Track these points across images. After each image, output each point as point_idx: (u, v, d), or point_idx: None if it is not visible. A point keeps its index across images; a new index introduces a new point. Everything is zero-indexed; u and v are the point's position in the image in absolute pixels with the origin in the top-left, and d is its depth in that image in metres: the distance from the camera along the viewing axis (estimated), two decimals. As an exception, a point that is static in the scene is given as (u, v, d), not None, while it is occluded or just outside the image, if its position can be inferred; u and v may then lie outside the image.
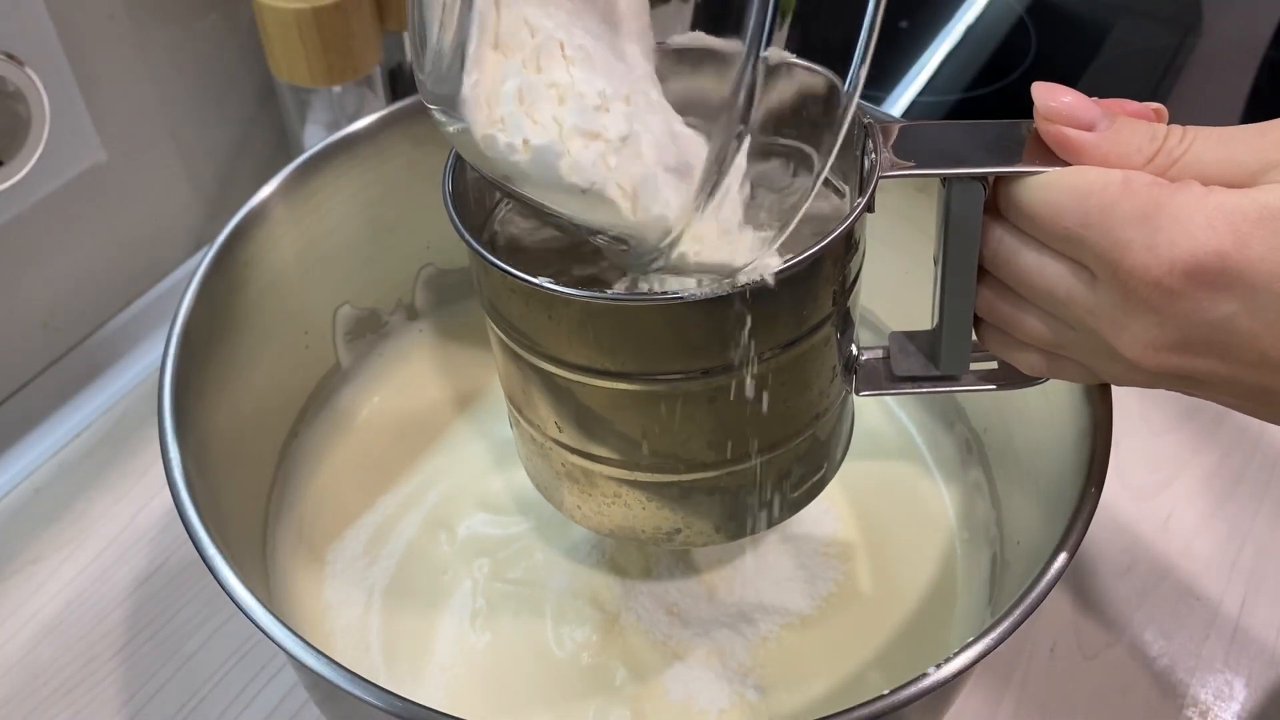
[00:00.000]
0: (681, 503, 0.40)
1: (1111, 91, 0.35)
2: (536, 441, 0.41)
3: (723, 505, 0.40)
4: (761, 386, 0.36)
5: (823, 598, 0.49)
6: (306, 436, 0.53)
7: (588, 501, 0.41)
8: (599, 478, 0.40)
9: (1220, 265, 0.30)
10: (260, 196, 0.48)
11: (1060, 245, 0.33)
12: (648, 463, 0.38)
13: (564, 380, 0.37)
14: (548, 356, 0.36)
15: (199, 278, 0.45)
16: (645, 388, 0.36)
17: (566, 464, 0.40)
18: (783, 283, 0.33)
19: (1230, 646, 0.51)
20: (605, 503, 0.41)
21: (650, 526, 0.41)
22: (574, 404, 0.37)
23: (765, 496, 0.40)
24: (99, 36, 0.56)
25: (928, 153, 0.35)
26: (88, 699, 0.49)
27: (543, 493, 0.44)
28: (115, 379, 0.62)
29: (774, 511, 0.41)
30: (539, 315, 0.35)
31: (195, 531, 0.37)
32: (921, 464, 0.54)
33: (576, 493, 0.41)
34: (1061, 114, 0.33)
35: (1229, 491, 0.57)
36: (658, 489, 0.39)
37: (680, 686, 0.46)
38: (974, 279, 0.36)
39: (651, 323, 0.34)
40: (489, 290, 0.37)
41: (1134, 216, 0.31)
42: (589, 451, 0.39)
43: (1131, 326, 0.32)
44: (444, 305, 0.59)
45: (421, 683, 0.46)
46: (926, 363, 0.40)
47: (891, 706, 0.33)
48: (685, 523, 0.41)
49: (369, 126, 0.51)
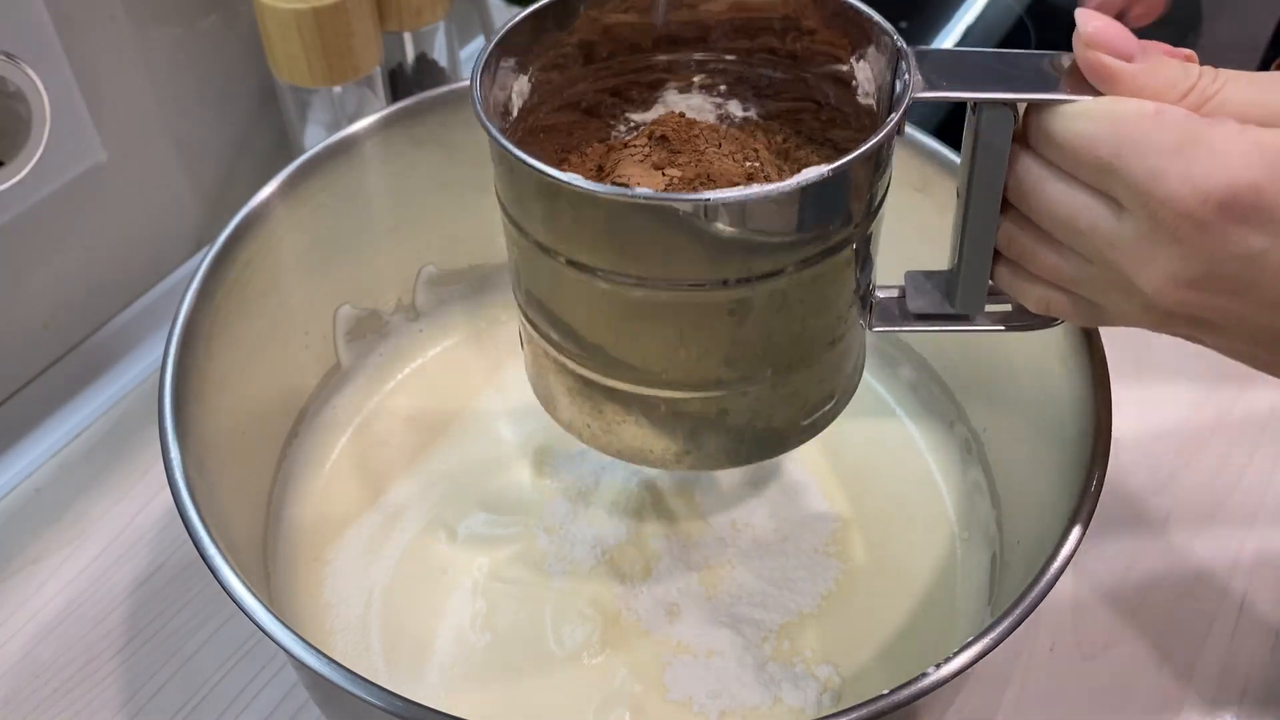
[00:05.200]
0: (694, 423, 0.39)
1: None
2: (549, 357, 0.40)
3: (734, 428, 0.40)
4: (783, 303, 0.36)
5: (822, 597, 0.49)
6: (307, 436, 0.53)
7: (598, 420, 0.41)
8: (612, 394, 0.39)
9: (1254, 198, 0.30)
10: (261, 196, 0.48)
11: (1090, 176, 0.33)
12: (664, 379, 0.38)
13: (586, 288, 0.36)
14: (572, 262, 0.36)
15: (199, 278, 0.45)
16: (669, 296, 0.35)
17: (579, 379, 0.40)
18: (812, 192, 0.33)
19: (1229, 647, 0.51)
20: (616, 421, 0.40)
21: (660, 447, 0.40)
22: (594, 315, 0.37)
23: (776, 422, 0.40)
24: (99, 37, 0.56)
25: (961, 78, 0.35)
26: (88, 699, 0.49)
27: (549, 409, 0.43)
28: (115, 379, 0.62)
29: (784, 439, 0.41)
30: (565, 217, 0.35)
31: (195, 531, 0.37)
32: (921, 464, 0.54)
33: (587, 410, 0.41)
34: (1102, 40, 0.33)
35: (1229, 491, 0.57)
36: (671, 406, 0.39)
37: (680, 686, 0.46)
38: (997, 211, 0.36)
39: (681, 225, 0.34)
40: (513, 194, 0.37)
41: (1170, 147, 0.31)
42: (604, 366, 0.38)
43: (1155, 259, 0.32)
44: (444, 305, 0.59)
45: (421, 683, 0.46)
46: (942, 301, 0.40)
47: (891, 706, 0.33)
48: (696, 444, 0.40)
49: (369, 127, 0.51)
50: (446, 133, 0.53)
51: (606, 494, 0.52)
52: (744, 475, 0.53)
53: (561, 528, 0.51)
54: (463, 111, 0.55)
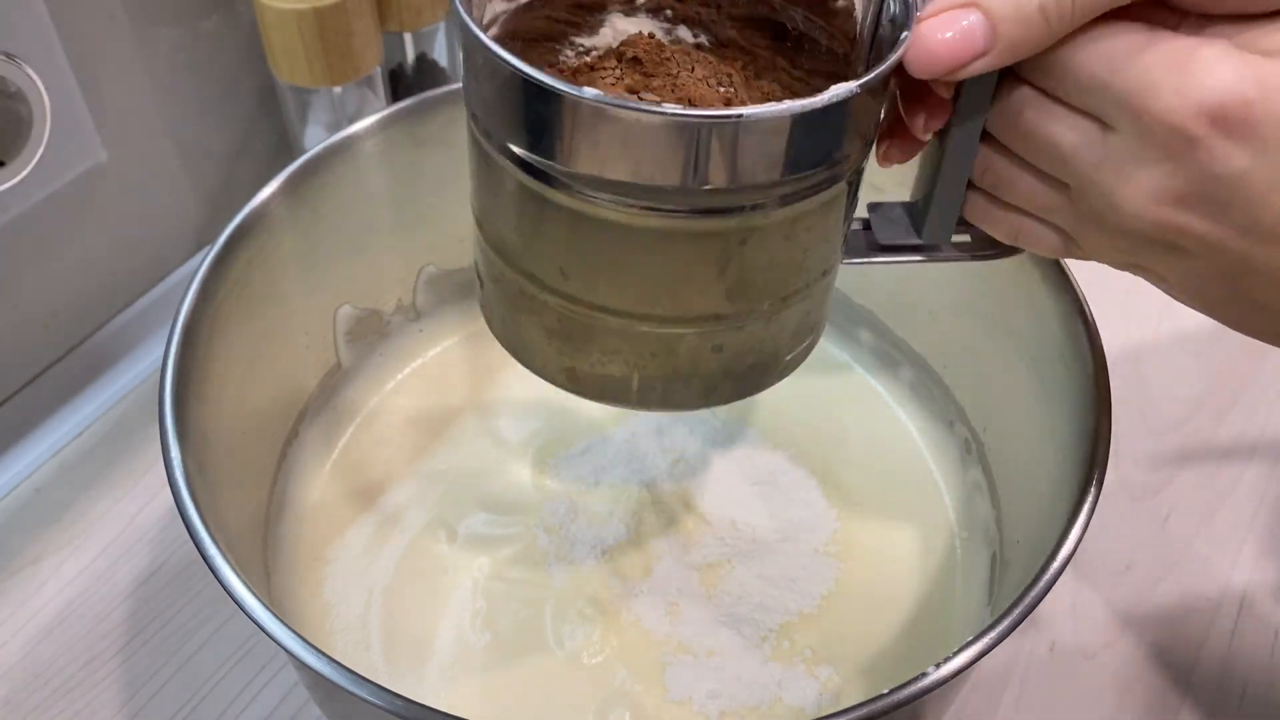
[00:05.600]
0: (684, 360, 0.38)
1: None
2: (527, 295, 0.37)
3: (723, 365, 0.38)
4: (792, 230, 0.35)
5: (822, 597, 0.49)
6: (307, 436, 0.53)
7: (581, 360, 0.38)
8: (600, 331, 0.37)
9: (1244, 113, 0.30)
10: (261, 197, 0.48)
11: (1079, 97, 0.33)
12: (662, 314, 0.36)
13: (587, 219, 0.34)
14: (573, 187, 0.33)
15: (200, 278, 0.45)
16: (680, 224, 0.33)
17: (564, 318, 0.37)
18: (840, 110, 0.32)
19: (1229, 646, 0.51)
20: (601, 360, 0.38)
21: (643, 385, 0.38)
22: (594, 249, 0.35)
23: (764, 357, 0.39)
24: (100, 37, 0.56)
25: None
26: (88, 699, 0.49)
27: (519, 354, 0.40)
28: (116, 379, 0.62)
29: (766, 375, 0.40)
30: (569, 135, 0.32)
31: (196, 531, 0.37)
32: (921, 464, 0.54)
33: (569, 351, 0.38)
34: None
35: (1228, 491, 0.57)
36: (664, 343, 0.37)
37: (680, 686, 0.46)
38: (978, 139, 0.36)
39: (704, 144, 0.31)
40: (504, 112, 0.34)
41: (1165, 61, 0.31)
42: (595, 301, 0.36)
43: (1139, 176, 0.32)
44: (445, 305, 0.59)
45: (421, 683, 0.46)
46: (909, 231, 0.40)
47: (891, 706, 0.33)
48: (682, 382, 0.38)
49: (369, 127, 0.51)
50: (447, 133, 0.53)
51: (606, 494, 0.52)
52: (744, 475, 0.53)
53: (561, 528, 0.51)
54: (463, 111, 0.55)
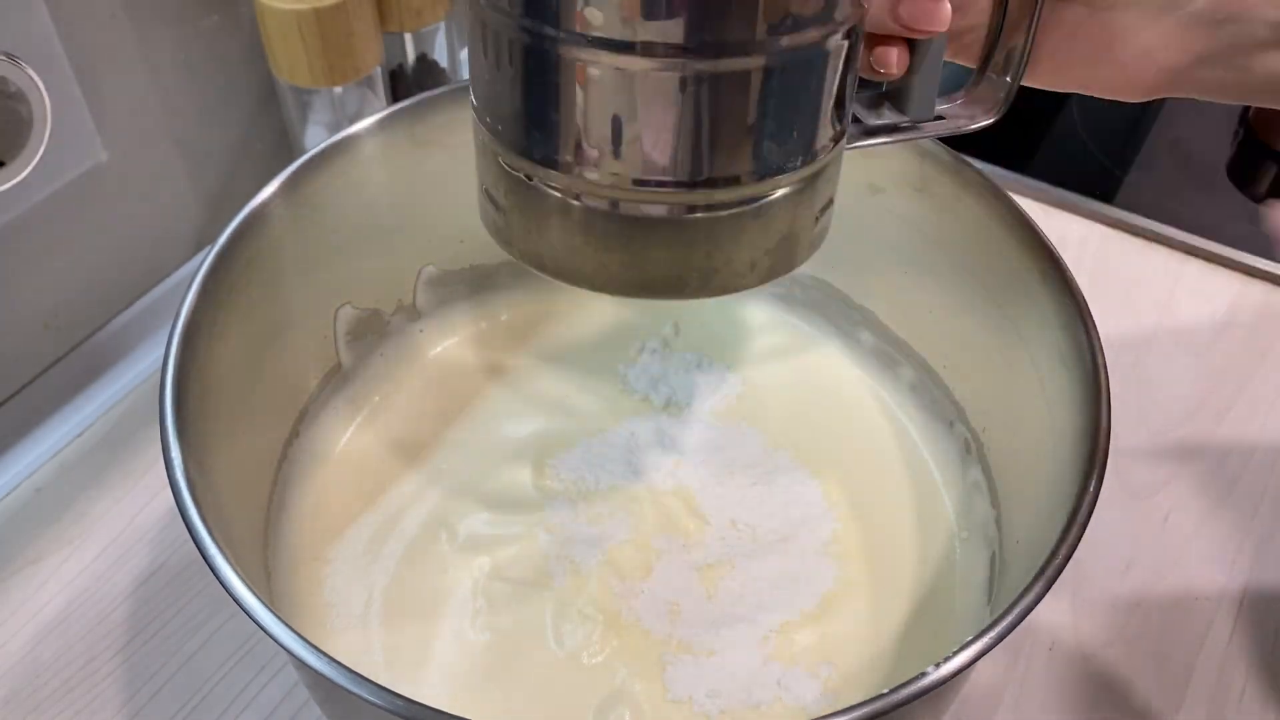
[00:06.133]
0: (725, 229, 0.37)
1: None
2: (555, 192, 0.37)
3: (761, 238, 0.38)
4: (822, 66, 0.35)
5: (822, 596, 0.49)
6: (308, 436, 0.53)
7: (609, 254, 0.37)
8: (617, 215, 0.36)
9: None
10: (261, 197, 0.48)
11: None
12: (677, 175, 0.35)
13: (607, 71, 0.33)
14: (596, 38, 0.32)
15: (200, 278, 0.45)
16: (701, 64, 0.33)
17: (588, 198, 0.36)
18: None
19: (1229, 646, 0.51)
20: (638, 250, 0.37)
21: (685, 271, 0.37)
22: (613, 104, 0.34)
23: (798, 226, 0.38)
24: (100, 37, 0.56)
25: None
26: (88, 698, 0.49)
27: (550, 265, 0.39)
28: (116, 379, 0.62)
29: (801, 246, 0.39)
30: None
31: (196, 531, 0.37)
32: (921, 464, 0.54)
33: (594, 250, 0.37)
34: None
35: (1228, 490, 0.57)
36: (701, 227, 0.36)
37: (680, 686, 0.46)
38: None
39: None
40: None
41: None
42: (619, 172, 0.35)
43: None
44: (445, 305, 0.59)
45: (421, 682, 0.46)
46: (894, 113, 0.42)
47: (891, 705, 0.33)
48: (707, 260, 0.38)
49: (370, 127, 0.51)
50: (447, 133, 0.53)
51: (606, 494, 0.52)
52: (744, 475, 0.53)
53: (561, 528, 0.51)
54: (463, 112, 0.55)
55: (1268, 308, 0.67)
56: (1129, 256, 0.70)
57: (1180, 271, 0.69)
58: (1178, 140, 0.80)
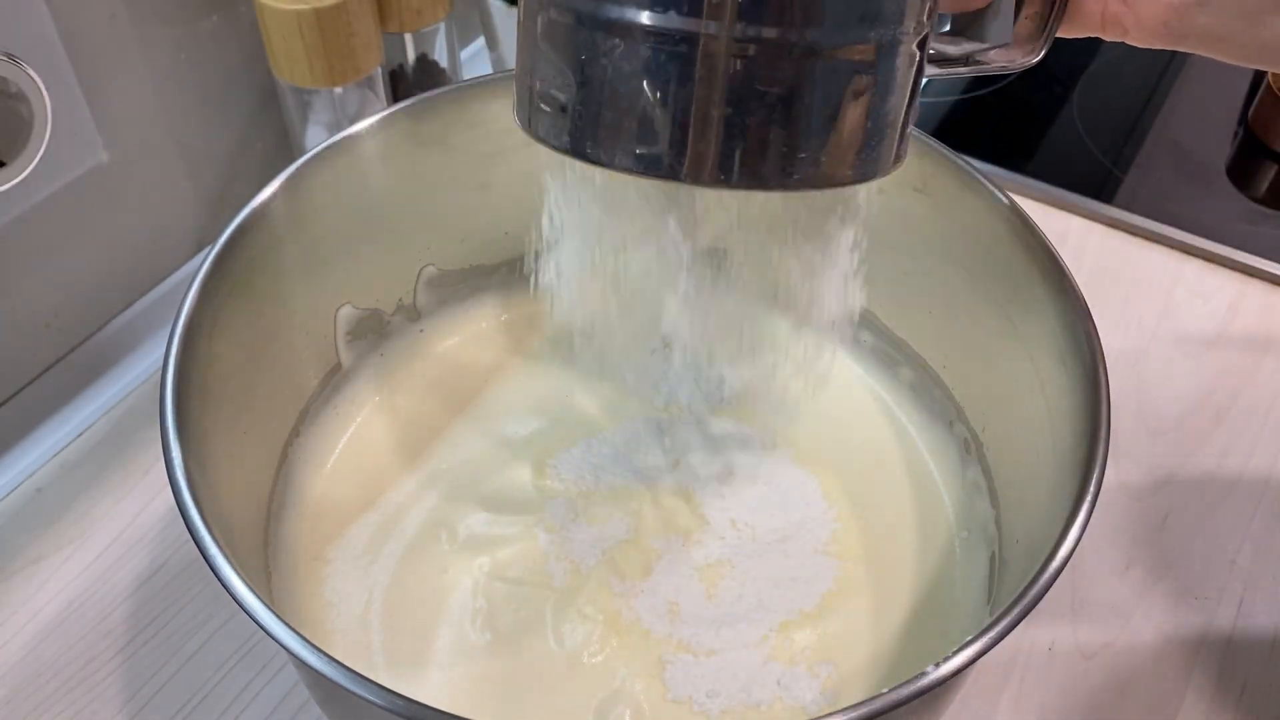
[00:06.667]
0: (781, 90, 0.34)
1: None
2: (609, 25, 0.34)
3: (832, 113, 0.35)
4: None
5: (822, 596, 0.49)
6: (308, 436, 0.53)
7: (653, 117, 0.34)
8: (694, 51, 0.33)
9: None
10: (262, 197, 0.48)
11: None
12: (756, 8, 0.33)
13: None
14: None
15: (200, 278, 0.45)
16: None
17: (655, 43, 0.33)
18: None
19: (1228, 646, 0.51)
20: (679, 111, 0.34)
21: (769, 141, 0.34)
22: None
23: (895, 116, 0.36)
24: (101, 37, 0.56)
25: None
26: (89, 698, 0.49)
27: (573, 144, 0.35)
28: (117, 379, 0.62)
29: (889, 151, 0.37)
30: None
31: (197, 531, 0.37)
32: (921, 464, 0.54)
33: (646, 106, 0.34)
34: None
35: (1227, 491, 0.57)
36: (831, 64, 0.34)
37: (680, 686, 0.46)
38: None
39: None
40: None
41: None
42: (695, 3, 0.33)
43: None
44: (445, 305, 0.59)
45: (421, 682, 0.46)
46: (970, 42, 0.41)
47: (890, 705, 0.33)
48: (836, 134, 0.35)
49: (370, 127, 0.51)
50: (447, 133, 0.53)
51: (606, 494, 0.52)
52: (744, 475, 0.53)
53: (561, 528, 0.51)
54: (464, 112, 0.55)
55: (1268, 308, 0.67)
56: (1128, 256, 0.70)
57: (1179, 271, 0.69)
58: (1177, 140, 0.80)
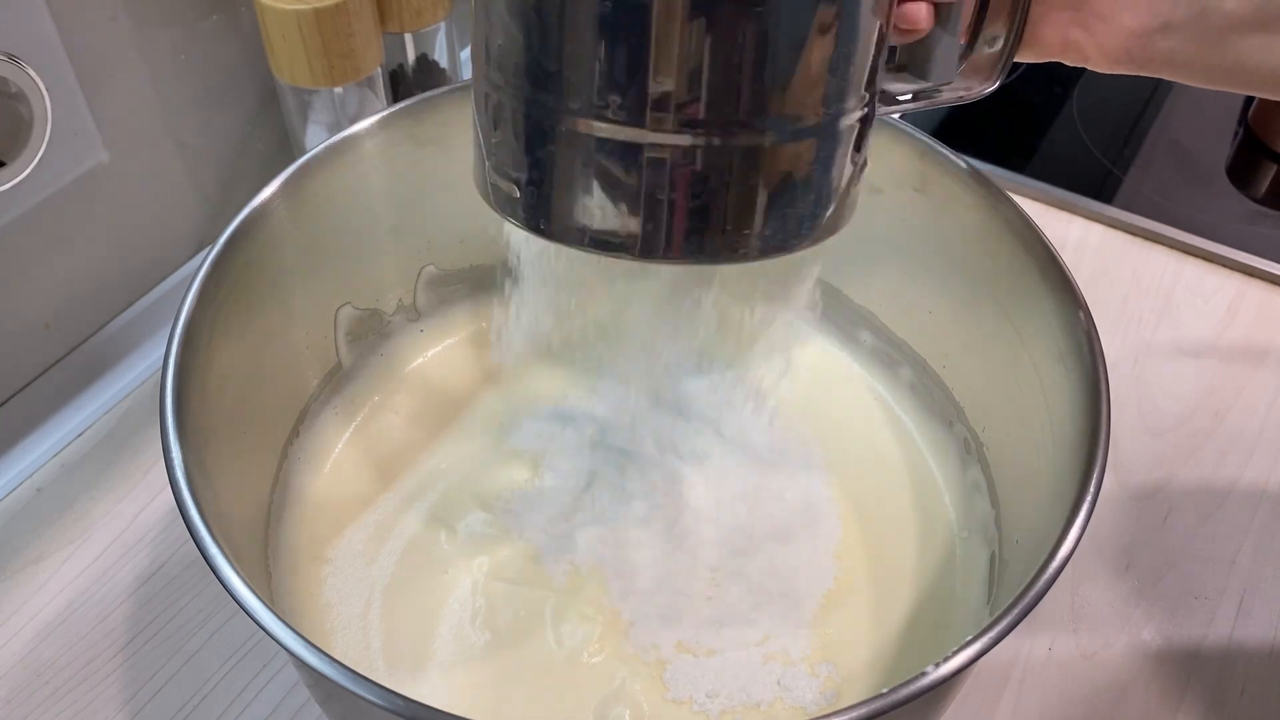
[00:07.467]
0: (728, 179, 0.35)
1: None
2: (560, 130, 0.35)
3: (798, 191, 0.36)
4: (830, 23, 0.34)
5: (821, 596, 0.49)
6: (307, 436, 0.53)
7: (633, 215, 0.35)
8: (640, 155, 0.35)
9: None
10: (262, 197, 0.48)
11: None
12: (700, 115, 0.34)
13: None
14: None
15: (200, 278, 0.45)
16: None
17: (605, 145, 0.35)
18: None
19: (1228, 646, 0.51)
20: (630, 200, 0.35)
21: (690, 219, 0.36)
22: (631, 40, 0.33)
23: (834, 185, 0.37)
24: (101, 37, 0.56)
25: None
26: (89, 698, 0.49)
27: (528, 220, 0.37)
28: (117, 379, 0.62)
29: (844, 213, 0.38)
30: None
31: (197, 531, 0.37)
32: (921, 463, 0.54)
33: (599, 193, 0.35)
34: None
35: (1227, 491, 0.57)
36: (707, 154, 0.35)
37: (680, 686, 0.46)
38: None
39: None
40: None
41: None
42: (641, 112, 0.34)
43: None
44: (445, 305, 0.59)
45: (421, 682, 0.46)
46: (913, 79, 0.42)
47: (890, 705, 0.33)
48: (775, 214, 0.36)
49: (370, 127, 0.51)
50: (447, 133, 0.53)
51: (606, 493, 0.52)
52: (744, 475, 0.53)
53: (561, 527, 0.51)
54: (463, 112, 0.55)
55: (1267, 308, 0.67)
56: (1128, 256, 0.70)
57: (1179, 271, 0.69)
58: (1177, 140, 0.80)
